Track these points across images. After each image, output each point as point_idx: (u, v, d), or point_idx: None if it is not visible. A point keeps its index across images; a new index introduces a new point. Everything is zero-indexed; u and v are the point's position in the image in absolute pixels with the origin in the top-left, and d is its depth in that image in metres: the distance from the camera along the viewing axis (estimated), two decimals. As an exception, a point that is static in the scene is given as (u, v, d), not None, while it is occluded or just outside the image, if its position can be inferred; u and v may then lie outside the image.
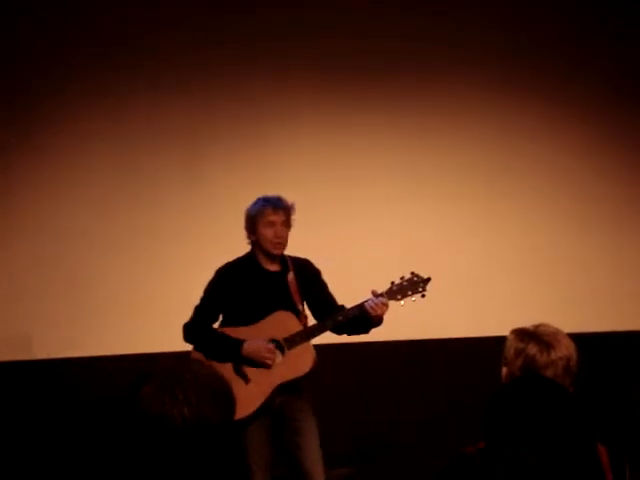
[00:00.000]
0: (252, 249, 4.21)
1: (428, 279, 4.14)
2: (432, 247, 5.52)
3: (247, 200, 5.32)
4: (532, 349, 2.66)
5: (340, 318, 4.08)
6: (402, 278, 4.12)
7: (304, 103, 5.62)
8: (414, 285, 4.12)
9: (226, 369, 4.02)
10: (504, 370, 2.72)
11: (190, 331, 4.13)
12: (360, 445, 5.20)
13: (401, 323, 4.30)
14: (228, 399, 1.74)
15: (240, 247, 4.24)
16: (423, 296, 4.13)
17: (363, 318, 4.06)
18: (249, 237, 4.19)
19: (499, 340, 2.77)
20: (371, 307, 4.01)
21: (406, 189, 5.68)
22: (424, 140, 5.71)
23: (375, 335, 4.28)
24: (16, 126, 5.44)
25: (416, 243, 5.54)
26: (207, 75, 5.55)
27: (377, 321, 4.07)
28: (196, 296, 4.19)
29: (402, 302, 4.10)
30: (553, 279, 5.70)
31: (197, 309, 4.16)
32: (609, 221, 5.83)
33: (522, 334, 2.70)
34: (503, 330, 2.80)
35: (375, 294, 4.05)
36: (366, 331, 4.17)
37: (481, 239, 5.69)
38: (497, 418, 1.93)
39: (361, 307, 4.04)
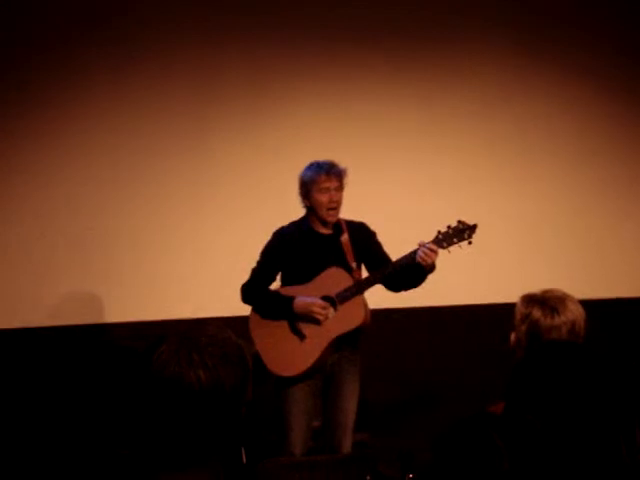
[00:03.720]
0: (306, 213, 4.30)
1: (474, 226, 4.16)
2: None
3: (262, 167, 5.36)
4: (536, 313, 2.69)
5: (389, 269, 4.16)
6: (449, 226, 4.17)
7: (317, 70, 5.62)
8: (460, 232, 4.16)
9: (283, 327, 4.18)
10: (512, 335, 2.76)
11: (247, 292, 4.26)
12: (373, 411, 5.24)
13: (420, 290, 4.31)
14: (244, 364, 1.75)
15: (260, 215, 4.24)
16: (470, 243, 4.16)
17: (415, 268, 4.11)
18: (303, 202, 4.27)
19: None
20: (421, 257, 4.08)
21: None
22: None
23: (387, 302, 4.31)
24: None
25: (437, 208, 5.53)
26: (214, 43, 5.54)
27: (430, 268, 4.13)
28: (210, 263, 4.09)
29: (449, 250, 4.15)
30: (575, 245, 5.72)
31: (254, 271, 4.29)
32: (628, 186, 5.84)
33: (528, 299, 2.74)
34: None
35: (422, 244, 4.11)
36: (421, 280, 4.22)
37: (510, 205, 5.69)
38: (523, 382, 1.95)
39: (410, 257, 4.11)
